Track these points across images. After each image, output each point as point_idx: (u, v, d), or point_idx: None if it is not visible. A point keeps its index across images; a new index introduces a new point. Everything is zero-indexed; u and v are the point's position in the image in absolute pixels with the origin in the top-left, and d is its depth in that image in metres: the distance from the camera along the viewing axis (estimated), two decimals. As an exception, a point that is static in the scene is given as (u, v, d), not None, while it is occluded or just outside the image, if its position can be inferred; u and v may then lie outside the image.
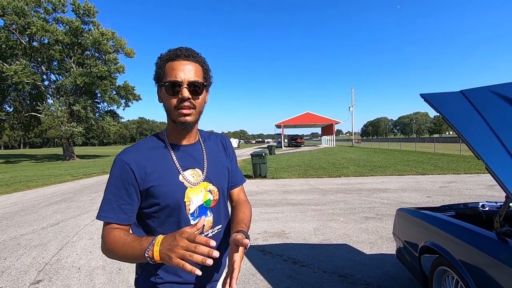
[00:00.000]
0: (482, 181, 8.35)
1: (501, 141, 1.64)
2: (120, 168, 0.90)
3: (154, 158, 0.93)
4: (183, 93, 0.88)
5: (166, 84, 0.89)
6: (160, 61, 0.93)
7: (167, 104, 0.92)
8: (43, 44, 28.78)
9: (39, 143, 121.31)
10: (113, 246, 0.83)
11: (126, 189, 0.89)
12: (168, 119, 0.96)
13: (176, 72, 0.89)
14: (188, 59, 0.91)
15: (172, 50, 0.93)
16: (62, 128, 29.00)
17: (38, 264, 3.57)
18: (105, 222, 0.90)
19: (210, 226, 0.98)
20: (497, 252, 1.51)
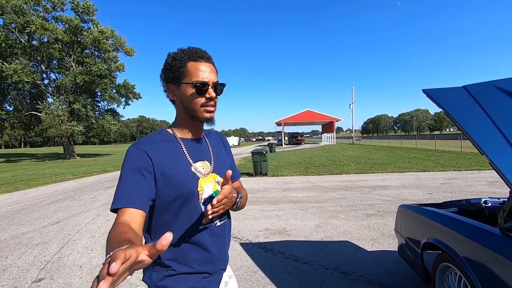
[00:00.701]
0: (483, 177, 8.34)
1: (505, 136, 1.62)
2: (138, 156, 0.91)
3: (167, 150, 0.96)
4: (210, 93, 0.96)
5: (197, 84, 0.93)
6: (177, 60, 0.96)
7: (192, 102, 0.96)
8: (42, 42, 28.72)
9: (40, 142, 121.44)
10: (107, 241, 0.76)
11: (143, 174, 0.89)
12: (184, 115, 1.01)
13: (203, 73, 0.95)
14: (209, 61, 0.98)
15: (191, 51, 0.97)
16: (63, 127, 29.01)
17: (39, 262, 3.58)
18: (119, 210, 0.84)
19: (218, 216, 1.01)
20: (501, 248, 1.50)
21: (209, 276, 0.99)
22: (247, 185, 8.84)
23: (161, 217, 0.95)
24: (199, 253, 0.96)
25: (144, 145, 0.93)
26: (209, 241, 0.98)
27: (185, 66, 0.94)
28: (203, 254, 0.97)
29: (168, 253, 0.94)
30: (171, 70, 0.96)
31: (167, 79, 0.99)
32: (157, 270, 0.95)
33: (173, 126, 1.05)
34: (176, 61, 0.96)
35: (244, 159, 18.55)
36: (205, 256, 0.97)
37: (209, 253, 0.98)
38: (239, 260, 3.40)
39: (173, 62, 0.96)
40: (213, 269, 1.01)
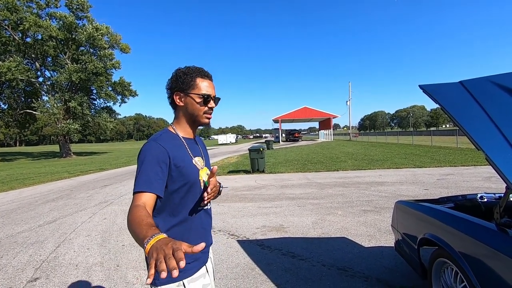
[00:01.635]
0: (479, 173, 8.40)
1: (501, 131, 1.62)
2: (158, 149, 1.10)
3: (177, 146, 1.18)
4: (212, 104, 1.23)
5: (204, 96, 1.20)
6: (188, 74, 1.20)
7: (196, 109, 1.21)
8: (36, 40, 28.36)
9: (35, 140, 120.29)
10: (132, 219, 0.94)
11: (161, 167, 1.09)
12: (187, 118, 1.24)
13: (209, 88, 1.22)
14: (211, 79, 1.26)
15: (200, 69, 1.23)
16: (58, 125, 28.76)
17: (35, 261, 3.55)
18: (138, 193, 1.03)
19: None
20: (497, 243, 1.50)
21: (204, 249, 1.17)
22: (244, 183, 8.86)
23: (171, 198, 1.16)
24: (199, 230, 1.23)
25: (161, 141, 1.14)
26: (204, 219, 1.26)
27: (194, 80, 1.19)
28: (202, 231, 1.24)
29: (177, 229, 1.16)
30: (182, 81, 1.19)
31: (177, 88, 1.20)
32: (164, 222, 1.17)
33: (173, 126, 1.26)
34: (187, 75, 1.20)
35: (241, 156, 18.54)
36: (204, 231, 1.25)
37: (205, 230, 1.26)
38: (236, 257, 3.40)
39: (184, 75, 1.19)
40: (207, 242, 1.24)
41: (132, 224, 0.95)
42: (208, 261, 1.30)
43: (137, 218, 0.95)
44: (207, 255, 1.29)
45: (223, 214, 5.21)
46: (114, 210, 6.00)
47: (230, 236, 4.13)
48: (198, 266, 1.22)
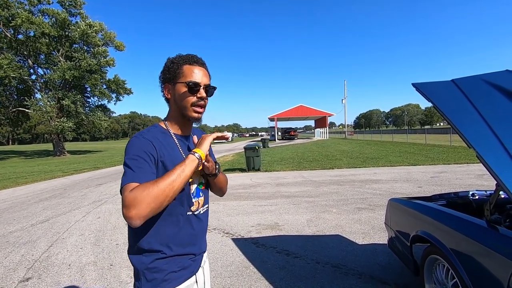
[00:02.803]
0: (471, 170, 8.50)
1: (492, 129, 1.63)
2: (144, 143, 1.00)
3: (165, 143, 1.07)
4: (201, 93, 1.08)
5: (189, 84, 1.05)
6: (174, 63, 1.09)
7: (184, 101, 1.07)
8: (29, 37, 27.89)
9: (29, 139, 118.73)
10: (151, 184, 0.87)
11: (146, 160, 0.98)
12: (177, 113, 1.11)
13: (196, 75, 1.08)
14: (203, 66, 1.12)
15: (188, 56, 1.10)
16: (52, 124, 28.38)
17: (27, 261, 3.51)
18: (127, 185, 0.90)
19: (202, 204, 1.16)
20: (488, 239, 1.52)
21: (194, 257, 1.12)
22: (239, 181, 8.84)
23: None
24: (187, 236, 1.09)
25: (147, 135, 1.03)
26: (196, 225, 1.12)
27: (181, 68, 1.07)
28: (191, 237, 1.10)
29: (159, 240, 1.03)
30: (168, 71, 1.09)
31: (165, 79, 1.11)
32: (148, 255, 1.02)
33: (166, 121, 1.15)
34: (173, 63, 1.09)
35: (237, 155, 18.51)
36: (192, 239, 1.11)
37: (195, 236, 1.12)
38: (231, 255, 3.40)
39: (171, 64, 1.09)
40: (198, 251, 1.14)
41: (157, 184, 0.87)
42: (199, 271, 1.16)
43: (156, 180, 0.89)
44: (197, 263, 1.15)
45: (218, 212, 5.20)
46: (108, 209, 5.95)
47: (224, 234, 4.13)
48: (186, 275, 1.08)
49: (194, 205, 1.11)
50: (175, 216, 1.05)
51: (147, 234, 1.02)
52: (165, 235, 1.03)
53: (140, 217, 0.84)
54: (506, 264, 1.33)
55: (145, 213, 0.84)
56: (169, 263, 1.03)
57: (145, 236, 1.02)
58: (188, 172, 0.94)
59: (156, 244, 1.02)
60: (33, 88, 30.77)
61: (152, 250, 1.02)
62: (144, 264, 1.01)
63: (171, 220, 1.04)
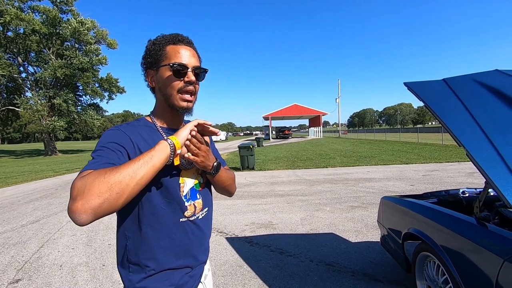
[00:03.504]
0: (462, 169, 8.64)
1: (481, 128, 1.66)
2: (117, 135, 0.85)
3: (149, 138, 0.91)
4: (189, 76, 0.91)
5: (174, 65, 0.88)
6: (156, 45, 0.93)
7: (169, 87, 0.91)
8: (18, 34, 27.33)
9: (19, 138, 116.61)
10: (108, 171, 0.70)
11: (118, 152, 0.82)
12: (162, 103, 0.95)
13: (182, 55, 0.91)
14: (190, 45, 0.95)
15: (172, 35, 0.94)
16: (43, 123, 27.92)
17: (17, 262, 3.44)
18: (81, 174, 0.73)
19: (201, 208, 1.00)
20: (477, 236, 1.54)
21: (191, 271, 0.97)
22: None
23: (137, 209, 0.88)
24: (180, 247, 0.93)
25: (125, 128, 0.89)
26: (191, 234, 0.95)
27: (163, 49, 0.91)
28: (184, 248, 0.94)
29: (147, 252, 0.89)
30: (150, 55, 0.93)
31: (147, 65, 0.95)
32: (135, 270, 0.90)
33: (152, 115, 1.00)
34: (155, 45, 0.93)
35: (231, 154, 18.48)
36: (187, 250, 0.95)
37: (191, 246, 0.96)
38: (224, 254, 3.39)
39: (152, 46, 0.93)
40: (195, 263, 0.98)
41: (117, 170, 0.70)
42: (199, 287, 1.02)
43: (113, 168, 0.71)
44: (195, 279, 0.99)
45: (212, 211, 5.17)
46: (100, 209, 5.87)
47: (219, 233, 4.12)
48: None
49: (188, 209, 0.95)
50: (165, 224, 0.90)
51: (134, 245, 0.89)
52: (154, 246, 0.89)
53: (87, 210, 0.64)
54: (494, 260, 1.36)
55: (94, 205, 0.65)
56: (159, 282, 0.90)
57: (132, 247, 0.89)
58: (156, 161, 0.76)
59: (144, 257, 0.89)
60: (23, 87, 30.20)
61: (139, 265, 0.89)
62: (132, 283, 0.89)
63: (161, 228, 0.90)
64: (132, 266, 0.90)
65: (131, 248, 0.90)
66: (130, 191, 0.71)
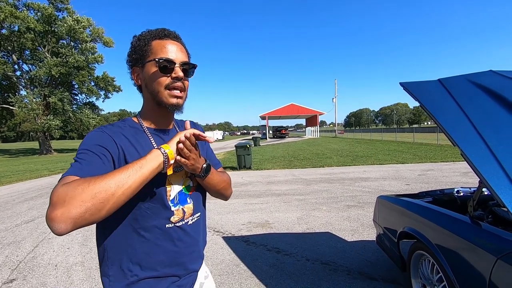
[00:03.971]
0: (457, 168, 8.72)
1: (475, 128, 1.67)
2: (101, 137, 0.81)
3: (134, 139, 0.87)
4: (177, 72, 0.86)
5: (159, 60, 0.84)
6: (141, 40, 0.89)
7: (156, 84, 0.86)
8: (13, 31, 27.04)
9: (13, 137, 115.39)
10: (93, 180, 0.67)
11: (102, 156, 0.78)
12: (150, 101, 0.91)
13: (168, 50, 0.87)
14: (177, 39, 0.91)
15: (157, 30, 0.90)
16: (38, 121, 27.68)
17: (11, 262, 3.41)
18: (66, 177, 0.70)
19: (191, 213, 0.94)
20: (471, 235, 1.56)
21: (179, 280, 0.91)
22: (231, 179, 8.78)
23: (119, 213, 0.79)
24: (165, 255, 0.87)
25: (109, 129, 0.85)
26: (178, 241, 0.89)
27: (149, 44, 0.87)
28: (171, 255, 0.88)
29: (129, 255, 0.84)
30: (135, 51, 0.89)
31: (132, 62, 0.91)
32: (116, 277, 0.84)
33: (139, 115, 0.95)
34: (140, 40, 0.89)
35: (228, 153, 18.46)
36: (173, 258, 0.89)
37: (178, 254, 0.89)
38: (221, 254, 3.39)
39: (137, 42, 0.89)
40: (183, 271, 0.92)
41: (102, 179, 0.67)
42: None
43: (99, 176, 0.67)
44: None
45: (209, 211, 5.17)
46: (96, 208, 5.84)
47: (215, 232, 4.12)
48: None
49: (175, 214, 0.89)
50: (150, 230, 0.85)
51: (116, 251, 0.84)
52: (138, 251, 0.84)
53: (67, 220, 0.61)
54: (488, 259, 1.38)
55: (75, 214, 0.61)
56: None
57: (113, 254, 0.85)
58: (146, 171, 0.73)
59: (127, 262, 0.84)
60: (18, 85, 29.91)
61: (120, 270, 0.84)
62: None
63: (144, 234, 0.84)
64: (113, 273, 0.84)
65: (111, 256, 0.85)
66: (115, 201, 0.67)
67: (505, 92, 1.74)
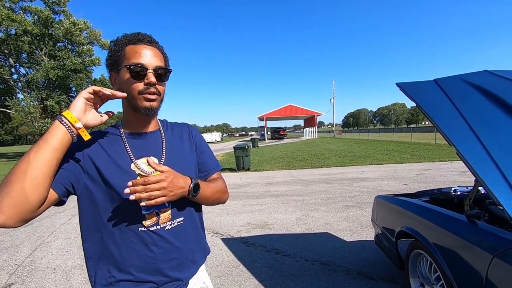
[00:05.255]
0: (455, 168, 8.76)
1: (471, 127, 1.69)
2: (71, 150, 0.83)
3: (108, 146, 0.89)
4: (149, 77, 0.85)
5: (131, 67, 0.85)
6: (117, 45, 0.89)
7: (130, 90, 0.87)
8: (9, 35, 26.96)
9: (10, 140, 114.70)
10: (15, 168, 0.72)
11: (68, 159, 0.82)
12: (126, 106, 0.92)
13: (140, 55, 0.86)
14: (151, 44, 0.90)
15: (132, 34, 0.90)
16: (35, 124, 27.55)
17: (9, 266, 3.40)
18: None
19: (169, 218, 0.91)
20: (467, 233, 1.57)
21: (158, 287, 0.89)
22: (229, 180, 8.81)
23: (94, 216, 0.86)
24: (139, 259, 0.86)
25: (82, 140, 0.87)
26: (153, 246, 0.87)
27: (123, 49, 0.88)
28: (145, 260, 0.87)
29: (107, 257, 0.86)
30: (110, 56, 0.90)
31: (109, 67, 0.92)
32: (100, 273, 0.87)
33: (121, 121, 0.98)
34: (116, 46, 0.89)
35: (226, 155, 18.46)
36: (148, 263, 0.87)
37: (154, 260, 0.87)
38: (220, 255, 3.39)
39: (113, 47, 0.90)
40: (163, 279, 0.89)
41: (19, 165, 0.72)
42: None
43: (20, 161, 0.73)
44: None
45: (207, 212, 5.18)
46: (95, 211, 5.82)
47: (214, 234, 4.12)
48: None
49: (147, 218, 0.87)
50: (124, 233, 0.85)
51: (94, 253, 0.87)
52: (113, 256, 0.86)
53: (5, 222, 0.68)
54: (484, 257, 1.39)
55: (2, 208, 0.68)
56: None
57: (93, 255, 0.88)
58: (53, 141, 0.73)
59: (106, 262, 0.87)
60: (15, 88, 29.79)
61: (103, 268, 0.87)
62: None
63: (118, 235, 0.85)
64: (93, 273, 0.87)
65: (91, 256, 0.88)
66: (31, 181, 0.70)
67: (500, 92, 1.77)
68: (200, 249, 1.02)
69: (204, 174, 1.07)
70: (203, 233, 1.06)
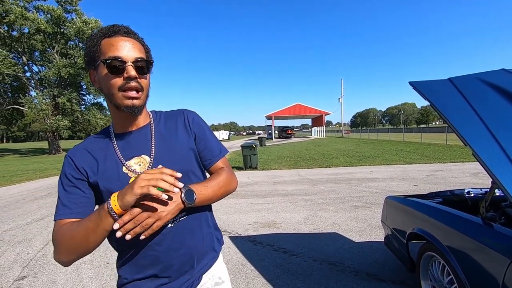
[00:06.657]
0: (467, 169, 8.58)
1: (488, 128, 1.64)
2: (66, 166, 0.86)
3: (97, 152, 0.87)
4: (129, 71, 0.78)
5: (107, 61, 0.77)
6: (92, 40, 0.82)
7: (109, 86, 0.80)
8: (23, 33, 27.57)
9: (23, 137, 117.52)
10: (69, 233, 0.76)
11: (76, 186, 0.85)
12: (110, 105, 0.86)
13: (117, 48, 0.79)
14: (128, 35, 0.83)
15: (107, 26, 0.83)
16: (47, 121, 28.14)
17: (22, 260, 3.48)
18: (57, 222, 0.82)
19: None
20: (483, 236, 1.53)
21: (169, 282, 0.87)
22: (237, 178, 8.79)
23: None
24: (145, 259, 0.86)
25: (73, 153, 0.87)
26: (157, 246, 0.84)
27: (99, 44, 0.80)
28: (153, 256, 0.85)
29: (120, 257, 0.90)
30: (86, 53, 0.84)
31: (87, 65, 0.86)
32: (119, 276, 0.91)
33: None
34: (91, 41, 0.82)
35: (234, 153, 18.50)
36: (156, 258, 0.85)
37: (163, 254, 0.85)
38: (228, 253, 3.40)
39: (88, 43, 0.83)
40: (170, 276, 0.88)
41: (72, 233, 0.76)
42: None
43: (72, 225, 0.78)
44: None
45: (215, 210, 5.17)
46: (104, 207, 5.91)
47: (222, 232, 4.12)
48: None
49: None
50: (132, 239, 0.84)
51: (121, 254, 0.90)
52: (123, 256, 0.88)
53: (64, 263, 0.80)
54: (501, 261, 1.35)
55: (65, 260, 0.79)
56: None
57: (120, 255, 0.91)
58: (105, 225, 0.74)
59: (118, 265, 0.90)
60: (28, 86, 30.46)
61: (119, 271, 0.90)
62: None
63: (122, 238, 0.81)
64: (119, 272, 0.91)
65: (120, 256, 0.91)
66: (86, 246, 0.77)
67: (518, 91, 1.71)
68: (209, 241, 0.97)
69: (208, 162, 1.00)
70: (211, 224, 1.01)
